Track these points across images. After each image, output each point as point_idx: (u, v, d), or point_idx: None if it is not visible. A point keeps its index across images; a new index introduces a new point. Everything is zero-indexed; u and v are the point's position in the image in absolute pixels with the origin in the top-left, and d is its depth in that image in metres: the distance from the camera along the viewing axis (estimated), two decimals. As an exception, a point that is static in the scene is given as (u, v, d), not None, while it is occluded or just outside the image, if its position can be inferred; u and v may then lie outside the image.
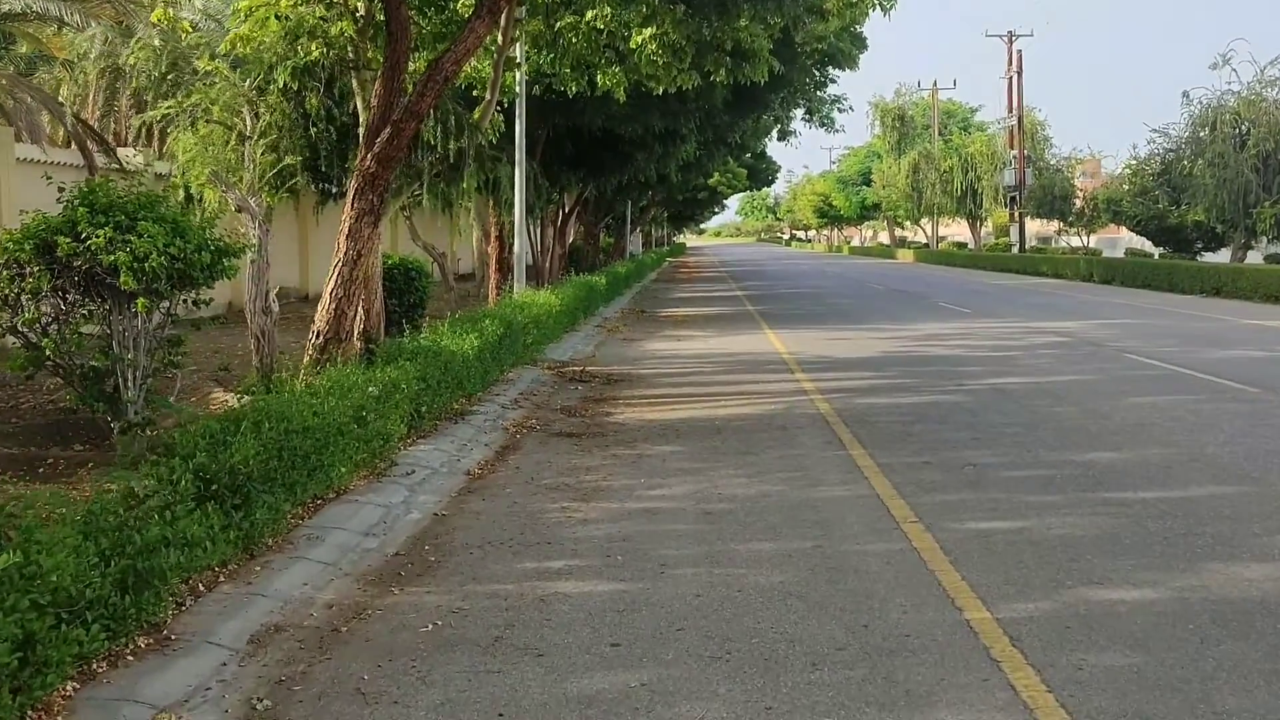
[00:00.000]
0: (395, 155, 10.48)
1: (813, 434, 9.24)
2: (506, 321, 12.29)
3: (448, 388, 9.41)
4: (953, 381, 12.34)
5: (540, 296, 16.37)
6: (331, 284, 10.36)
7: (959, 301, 26.89)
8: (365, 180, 10.40)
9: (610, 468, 7.98)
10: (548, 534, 6.23)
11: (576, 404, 11.03)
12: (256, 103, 12.13)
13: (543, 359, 14.44)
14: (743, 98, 22.11)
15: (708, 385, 12.37)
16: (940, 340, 17.21)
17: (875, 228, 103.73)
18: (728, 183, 58.57)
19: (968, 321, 20.88)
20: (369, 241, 10.56)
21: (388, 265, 17.35)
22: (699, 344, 17.19)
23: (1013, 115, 54.13)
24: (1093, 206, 44.18)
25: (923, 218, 71.51)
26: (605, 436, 9.22)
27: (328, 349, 10.12)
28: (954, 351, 15.51)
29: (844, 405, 10.68)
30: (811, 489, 7.25)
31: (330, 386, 7.08)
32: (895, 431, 9.28)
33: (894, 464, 7.97)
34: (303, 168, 12.66)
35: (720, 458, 8.29)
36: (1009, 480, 7.44)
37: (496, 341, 11.51)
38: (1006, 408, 10.44)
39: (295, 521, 6.12)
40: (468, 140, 12.71)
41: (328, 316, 10.30)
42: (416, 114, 10.41)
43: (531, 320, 14.17)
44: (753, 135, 35.20)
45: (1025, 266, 45.49)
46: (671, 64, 14.23)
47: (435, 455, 8.13)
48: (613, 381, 12.66)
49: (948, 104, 75.41)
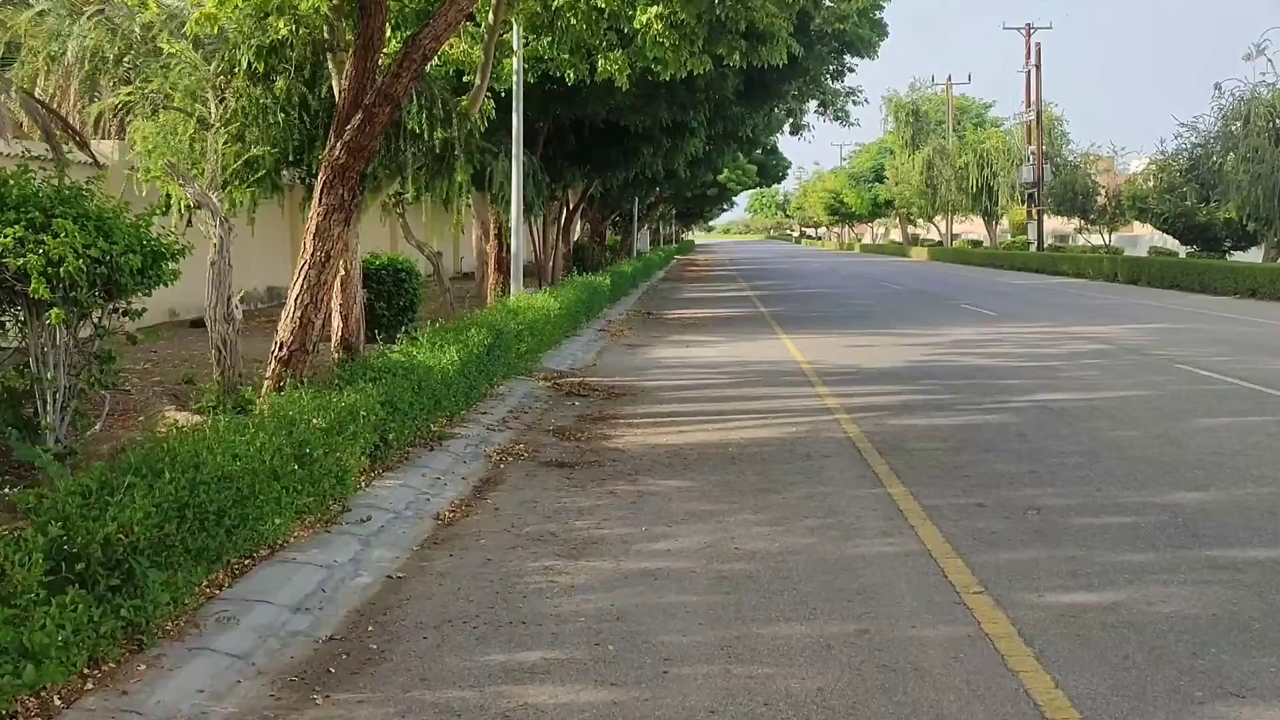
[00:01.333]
0: (367, 144, 9.28)
1: (842, 465, 7.99)
2: (495, 330, 11.08)
3: (422, 409, 8.20)
4: (993, 398, 11.07)
5: (537, 300, 15.15)
6: (296, 289, 9.17)
7: (982, 303, 25.58)
8: (334, 172, 9.21)
9: (606, 510, 6.75)
10: (524, 608, 5.00)
11: (572, 424, 9.80)
12: (223, 88, 10.94)
13: (538, 369, 13.22)
14: (755, 88, 20.85)
15: (719, 401, 11.13)
16: (970, 347, 15.93)
17: (887, 225, 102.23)
18: (737, 179, 57.30)
19: (995, 326, 19.58)
20: (339, 241, 9.34)
21: (375, 266, 16.20)
22: (709, 351, 15.94)
23: (1031, 110, 52.70)
24: (1115, 204, 42.72)
25: (936, 215, 70.07)
26: (602, 467, 7.99)
27: (293, 363, 8.94)
28: (988, 361, 14.22)
29: (875, 428, 9.42)
30: (847, 542, 6.01)
31: (263, 421, 5.86)
32: (937, 462, 8.03)
33: (942, 506, 6.72)
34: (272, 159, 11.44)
35: (736, 497, 7.05)
36: (1083, 530, 6.18)
37: (483, 353, 10.29)
38: (1060, 431, 9.18)
39: (210, 592, 4.92)
40: (456, 130, 11.49)
41: (292, 326, 9.10)
42: (391, 98, 9.21)
43: (526, 326, 12.96)
44: (764, 129, 33.90)
45: (1044, 265, 44.08)
46: (681, 46, 13.01)
47: (401, 494, 6.91)
48: (614, 396, 11.43)
49: (961, 100, 73.98)
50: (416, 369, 8.23)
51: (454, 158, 11.52)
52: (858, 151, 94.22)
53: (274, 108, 11.09)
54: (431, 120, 11.27)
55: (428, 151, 11.62)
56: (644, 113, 20.16)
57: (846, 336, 17.84)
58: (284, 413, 6.22)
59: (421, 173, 11.82)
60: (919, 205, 69.37)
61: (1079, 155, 52.45)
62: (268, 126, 11.24)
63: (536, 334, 13.68)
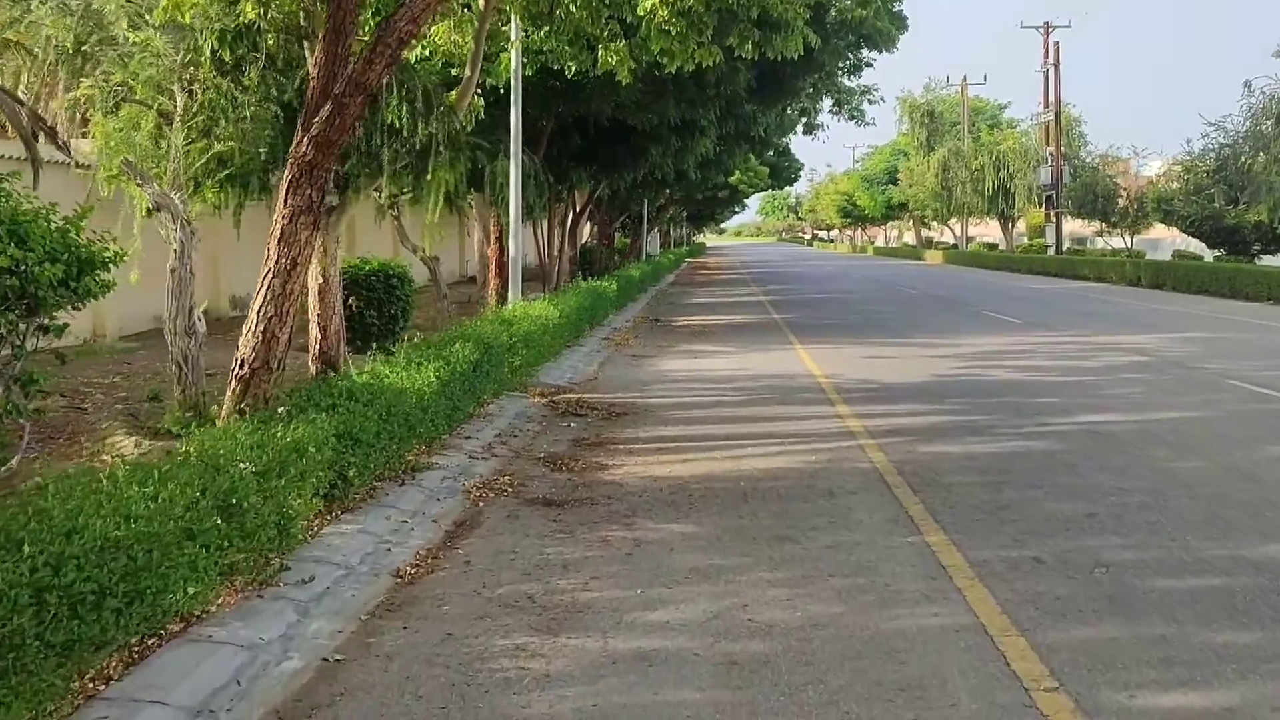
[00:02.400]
0: (337, 139, 8.30)
1: (870, 503, 6.97)
2: (484, 344, 10.08)
3: (391, 438, 7.20)
4: (1032, 419, 10.02)
5: (535, 308, 14.16)
6: (259, 301, 8.20)
7: (1004, 309, 24.48)
8: (301, 170, 8.24)
9: (596, 563, 5.75)
10: (484, 710, 4.00)
11: (565, 451, 8.80)
12: (190, 80, 10.00)
13: (534, 384, 12.23)
14: (768, 84, 19.83)
15: (729, 422, 10.11)
16: (998, 359, 14.87)
17: (900, 228, 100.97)
18: (749, 181, 56.30)
19: (1021, 334, 18.50)
20: (307, 247, 8.35)
21: (365, 272, 15.24)
22: (719, 362, 14.92)
23: (1049, 110, 51.56)
24: (1138, 206, 41.51)
25: (951, 218, 68.87)
26: (595, 506, 6.98)
27: (255, 382, 7.99)
28: (1020, 375, 13.16)
29: (904, 456, 8.39)
30: (883, 611, 4.99)
31: (177, 465, 4.87)
32: (979, 501, 6.99)
33: (991, 561, 5.69)
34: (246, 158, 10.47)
35: (748, 547, 6.03)
36: (1167, 597, 5.15)
37: (469, 370, 9.30)
38: (1114, 461, 8.13)
39: (92, 688, 3.94)
40: (439, 125, 10.52)
41: (254, 342, 8.14)
42: (364, 87, 8.25)
43: (520, 338, 11.97)
44: (777, 129, 32.90)
45: (1064, 269, 42.91)
46: (688, 36, 12.02)
47: (358, 543, 5.92)
48: (614, 416, 10.43)
49: (975, 101, 72.74)
50: (385, 393, 7.23)
51: (435, 155, 10.56)
52: (871, 153, 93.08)
53: (245, 101, 10.14)
54: (413, 114, 10.31)
55: (410, 149, 10.67)
56: (651, 110, 19.18)
57: (864, 346, 16.80)
58: (212, 452, 5.24)
59: (404, 172, 10.87)
60: (934, 208, 68.16)
61: (1097, 157, 51.24)
62: (238, 121, 10.29)
63: (533, 345, 12.70)
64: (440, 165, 10.61)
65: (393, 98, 10.26)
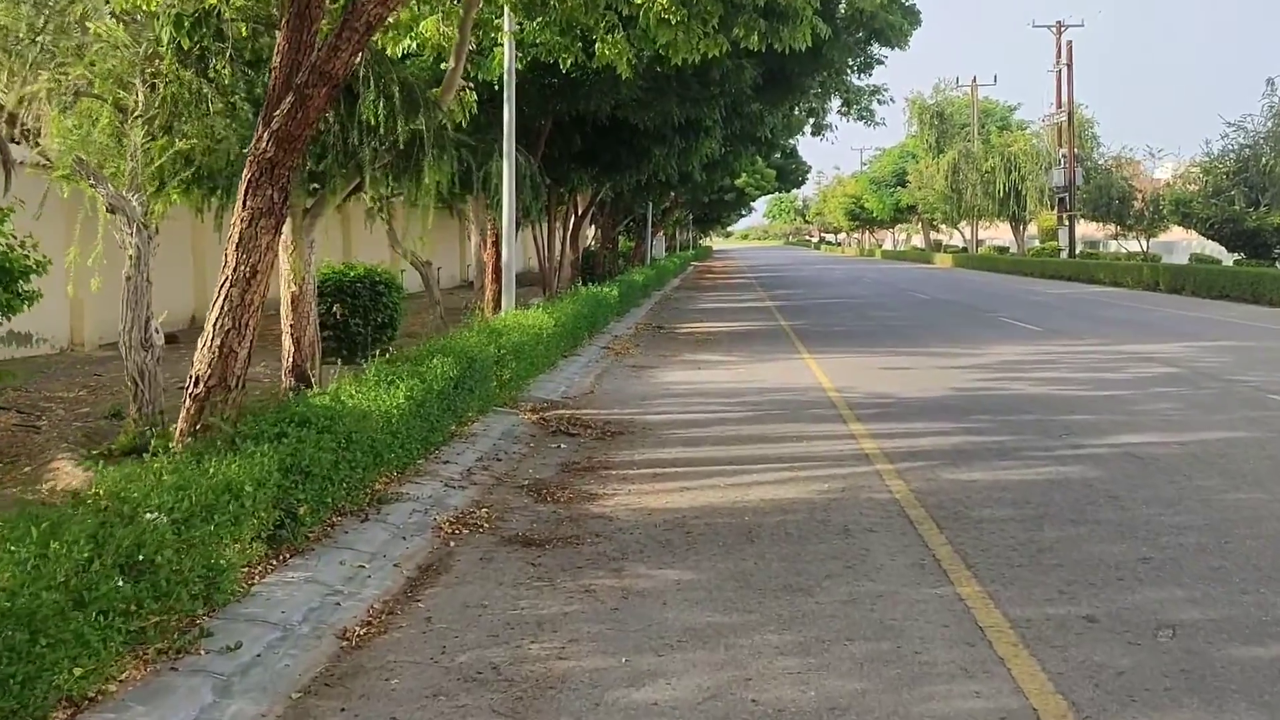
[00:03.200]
0: (300, 134, 7.53)
1: (891, 544, 6.16)
2: (467, 358, 9.29)
3: (354, 467, 6.42)
4: (1063, 440, 9.20)
5: (529, 316, 13.38)
6: (215, 312, 7.45)
7: (1021, 316, 23.62)
8: (261, 169, 7.48)
9: (576, 622, 4.95)
10: (422, 834, 3.21)
11: (553, 477, 8.01)
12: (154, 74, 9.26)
13: (525, 399, 11.44)
14: (775, 81, 19.04)
15: (733, 443, 9.31)
16: (1020, 370, 14.03)
17: (909, 231, 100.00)
18: (755, 184, 55.58)
19: (1042, 343, 17.65)
20: (268, 253, 7.58)
21: (350, 278, 14.49)
22: (724, 374, 14.11)
23: (1062, 111, 50.67)
24: (1154, 208, 40.59)
25: (961, 220, 67.96)
26: (580, 545, 6.18)
27: (211, 401, 7.23)
28: (1046, 389, 12.32)
29: (926, 484, 7.58)
30: (914, 690, 4.18)
31: (70, 517, 4.08)
32: (1015, 541, 6.18)
33: (1036, 621, 4.88)
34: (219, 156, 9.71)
35: (753, 600, 5.23)
36: (1251, 670, 4.33)
37: (448, 387, 8.52)
38: (1161, 491, 7.31)
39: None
40: (424, 121, 9.75)
41: (210, 357, 7.39)
42: (329, 76, 7.48)
43: (511, 350, 11.18)
44: (784, 130, 32.11)
45: (1078, 273, 42.01)
46: (691, 26, 11.25)
47: (303, 595, 5.13)
48: (608, 436, 9.63)
49: (984, 103, 71.82)
50: (345, 417, 6.44)
51: (420, 154, 9.79)
52: (878, 155, 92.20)
53: (210, 95, 9.37)
54: (392, 109, 9.55)
55: (391, 147, 9.91)
56: (653, 109, 18.39)
57: (877, 356, 15.98)
58: (122, 495, 4.47)
59: (385, 172, 10.10)
60: (943, 210, 67.27)
61: (1109, 158, 50.33)
62: (203, 117, 9.53)
63: (524, 357, 11.92)
64: (425, 164, 9.84)
65: (370, 91, 9.50)
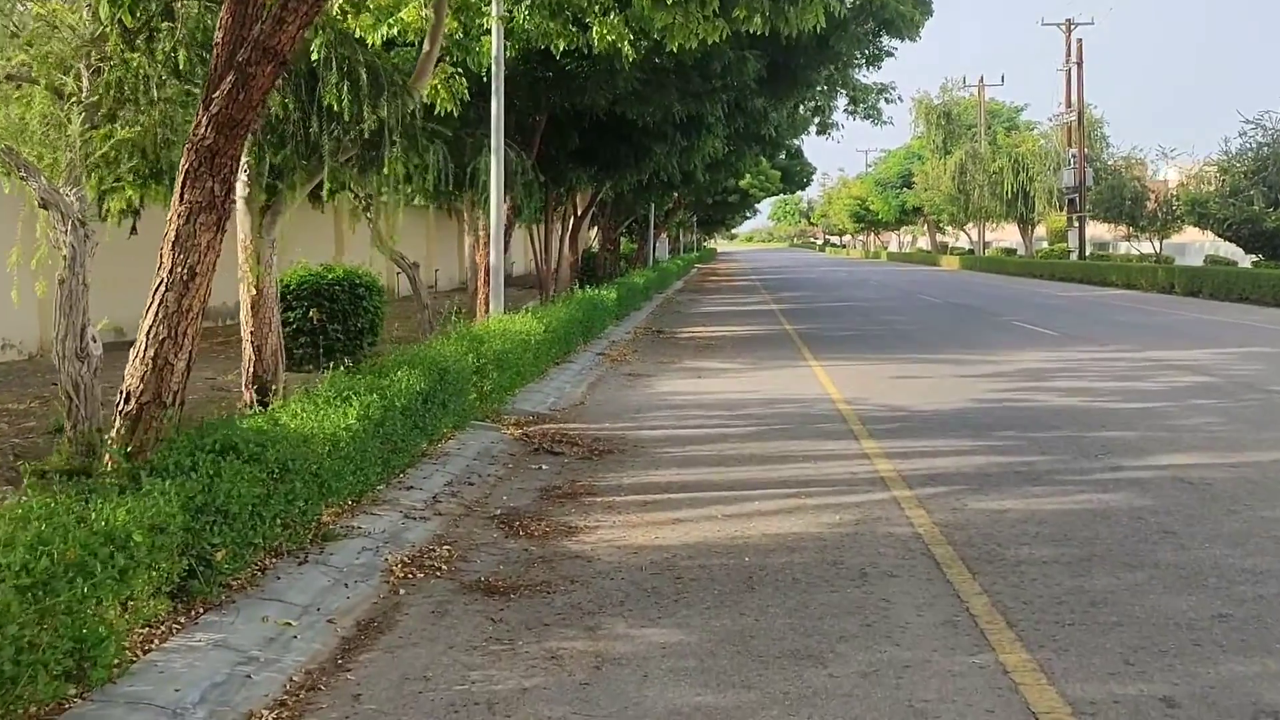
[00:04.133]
0: (243, 117, 6.66)
1: (916, 593, 5.24)
2: (440, 369, 8.39)
3: (291, 501, 5.52)
4: (1100, 461, 8.27)
5: (517, 322, 12.48)
6: (149, 319, 6.59)
7: (1036, 319, 22.66)
8: (200, 158, 6.62)
9: (535, 703, 4.04)
10: None
11: (529, 505, 7.10)
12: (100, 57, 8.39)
13: (509, 411, 10.55)
14: (780, 75, 18.12)
15: (734, 464, 8.39)
16: (1043, 379, 13.09)
17: (914, 233, 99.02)
18: (760, 185, 54.68)
19: (1062, 349, 16.70)
20: (209, 253, 6.71)
21: (327, 280, 13.65)
22: (725, 383, 13.18)
23: (1071, 110, 49.71)
24: (1167, 209, 39.57)
25: (968, 222, 66.97)
26: (551, 595, 5.27)
27: (144, 420, 6.36)
28: (1072, 400, 11.38)
29: (953, 516, 6.65)
30: (958, 809, 3.26)
31: None
32: (1062, 590, 5.25)
33: (1103, 704, 3.96)
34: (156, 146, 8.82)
35: (753, 672, 4.31)
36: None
37: (415, 402, 7.61)
38: (1225, 526, 6.37)
39: None
40: (390, 109, 8.86)
41: (143, 370, 6.54)
42: (274, 53, 6.62)
43: (493, 359, 10.28)
44: (789, 129, 31.23)
45: (1089, 275, 41.03)
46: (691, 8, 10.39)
47: (206, 665, 4.22)
48: (596, 454, 8.72)
49: (991, 104, 70.85)
50: (281, 443, 5.53)
51: (387, 145, 8.89)
52: (884, 157, 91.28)
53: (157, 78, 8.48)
54: (356, 95, 8.66)
55: (357, 137, 9.03)
56: (652, 103, 17.47)
57: (888, 363, 15.05)
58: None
59: (350, 165, 9.21)
60: (950, 212, 66.32)
61: (1119, 158, 49.32)
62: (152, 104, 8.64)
63: (510, 366, 11.02)
64: (393, 156, 8.94)
65: (331, 74, 8.62)
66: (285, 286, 13.41)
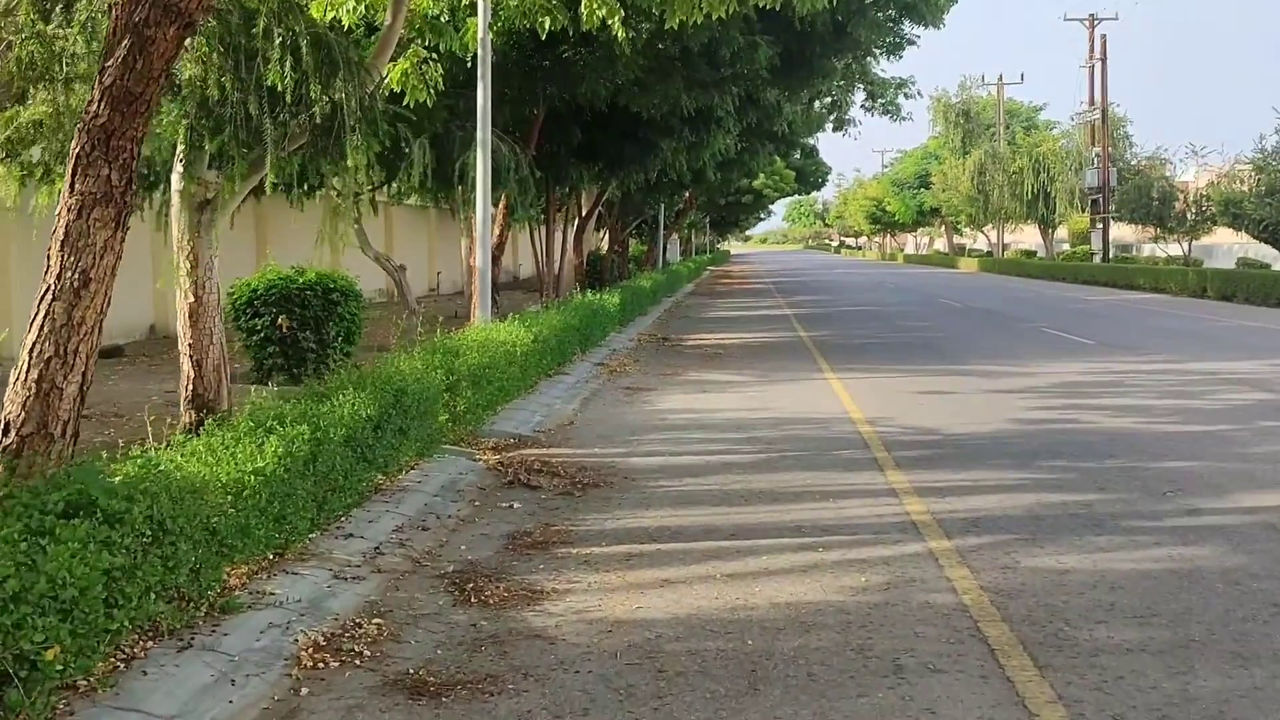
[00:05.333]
0: (143, 91, 5.55)
1: (970, 700, 4.00)
2: (396, 391, 7.20)
3: (173, 569, 4.34)
4: (1173, 501, 7.00)
5: (502, 331, 11.30)
6: (32, 335, 5.48)
7: (1066, 326, 21.33)
8: (93, 140, 5.51)
9: None
10: None
11: (489, 558, 5.91)
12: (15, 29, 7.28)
13: (488, 433, 9.37)
14: (794, 63, 16.85)
15: (738, 504, 7.18)
16: (1086, 396, 11.81)
17: (931, 234, 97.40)
18: (774, 185, 53.44)
19: (1100, 359, 15.41)
20: (106, 254, 5.62)
21: (298, 285, 12.50)
22: (732, 400, 11.96)
23: (1095, 108, 48.20)
24: (1198, 209, 38.08)
25: (988, 223, 65.47)
26: (495, 697, 4.07)
27: (25, 454, 5.22)
28: (1125, 422, 10.11)
29: (1003, 578, 5.42)
30: None
31: None
32: (1163, 697, 4.00)
33: None
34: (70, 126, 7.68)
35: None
36: None
37: (361, 431, 6.43)
38: (1345, 596, 5.12)
39: None
40: (345, 90, 7.70)
41: (24, 396, 5.45)
42: (180, 14, 5.56)
43: (468, 375, 9.11)
44: (803, 126, 30.01)
45: (1115, 278, 39.51)
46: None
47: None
48: (579, 488, 7.52)
49: (1009, 103, 69.32)
50: (154, 497, 4.34)
51: (343, 131, 7.72)
52: (900, 157, 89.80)
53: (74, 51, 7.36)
54: (303, 72, 7.51)
55: (307, 122, 7.87)
56: (656, 94, 16.27)
57: (912, 376, 13.79)
58: None
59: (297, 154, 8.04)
60: (968, 213, 64.82)
61: (1143, 158, 47.81)
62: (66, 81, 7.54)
63: (491, 381, 9.85)
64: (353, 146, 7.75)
65: (274, 48, 7.46)
66: (252, 291, 12.30)
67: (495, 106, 16.29)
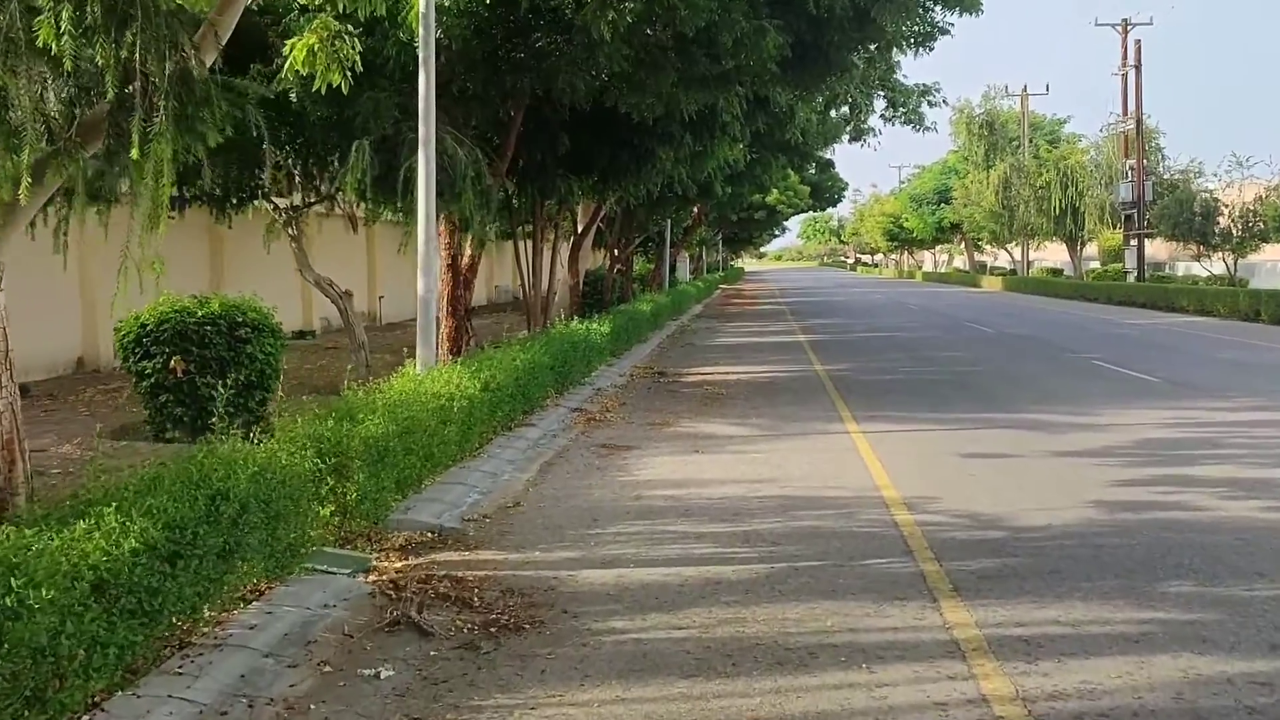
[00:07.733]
0: None
1: None
2: (208, 496, 4.81)
3: None
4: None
5: (436, 380, 8.91)
6: None
7: (1119, 358, 18.76)
8: None
9: None
10: None
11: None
12: None
13: (397, 523, 6.98)
14: (807, 56, 14.39)
15: (719, 673, 4.73)
16: (1181, 462, 9.29)
17: (951, 251, 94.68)
18: (788, 201, 51.11)
19: (1176, 404, 12.88)
20: None
21: (196, 319, 10.21)
22: (730, 466, 9.50)
23: (1128, 118, 45.64)
24: (1244, 225, 35.43)
25: (1012, 240, 62.86)
26: None
27: None
28: (1249, 506, 7.59)
29: None
30: None
31: None
32: None
33: None
34: None
35: None
36: None
37: (133, 574, 4.04)
38: None
39: None
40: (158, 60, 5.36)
41: None
42: None
43: (376, 446, 6.73)
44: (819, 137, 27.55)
45: (1154, 299, 36.82)
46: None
47: None
48: (492, 634, 5.09)
49: (1032, 117, 66.79)
50: None
51: (150, 116, 5.36)
52: (918, 173, 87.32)
53: None
54: (86, 26, 5.17)
55: (98, 96, 5.54)
56: (647, 90, 13.85)
57: (954, 430, 11.30)
58: None
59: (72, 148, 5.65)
60: (992, 230, 62.21)
61: (1177, 171, 45.20)
62: None
63: (410, 451, 7.46)
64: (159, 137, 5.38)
65: (44, -5, 5.15)
66: (141, 327, 10.03)
67: (459, 105, 13.97)
